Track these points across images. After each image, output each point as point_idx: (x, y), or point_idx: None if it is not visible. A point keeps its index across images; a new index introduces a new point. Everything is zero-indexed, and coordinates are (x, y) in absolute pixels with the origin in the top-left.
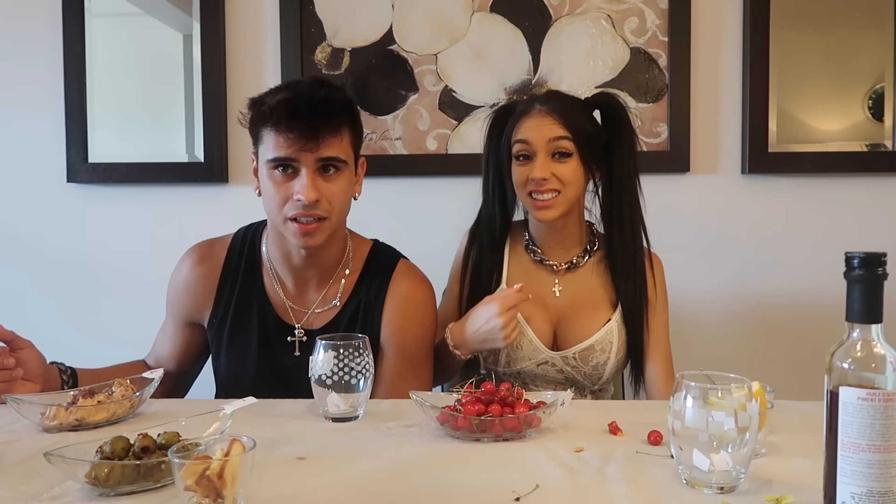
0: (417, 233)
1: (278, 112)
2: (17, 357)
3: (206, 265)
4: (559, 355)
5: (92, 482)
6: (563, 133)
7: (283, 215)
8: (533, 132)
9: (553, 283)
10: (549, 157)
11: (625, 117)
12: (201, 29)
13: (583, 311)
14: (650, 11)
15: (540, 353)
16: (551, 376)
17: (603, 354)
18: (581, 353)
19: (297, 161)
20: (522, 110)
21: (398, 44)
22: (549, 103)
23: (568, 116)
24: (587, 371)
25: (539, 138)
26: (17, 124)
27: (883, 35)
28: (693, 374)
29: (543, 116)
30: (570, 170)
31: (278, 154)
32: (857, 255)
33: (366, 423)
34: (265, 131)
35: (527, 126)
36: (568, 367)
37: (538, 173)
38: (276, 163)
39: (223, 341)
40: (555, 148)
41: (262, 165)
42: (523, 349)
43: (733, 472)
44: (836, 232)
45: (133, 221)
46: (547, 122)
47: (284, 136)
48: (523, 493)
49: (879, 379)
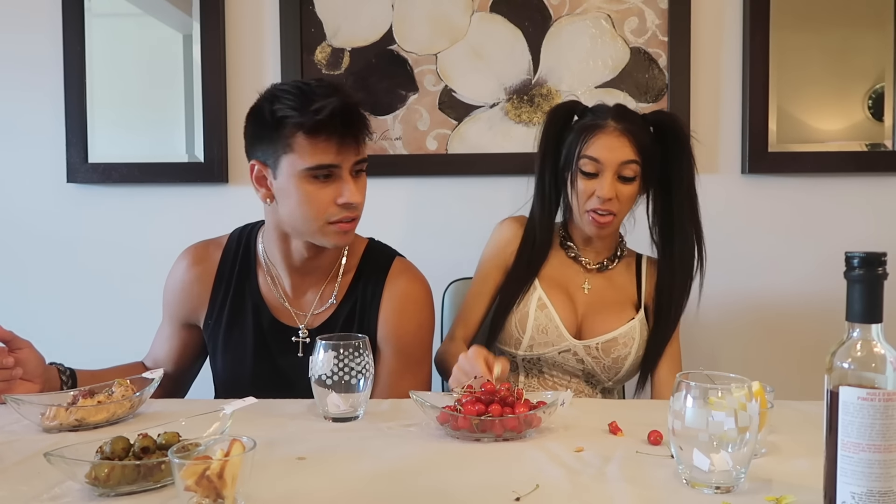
0: (417, 233)
1: (320, 120)
2: (16, 357)
3: (200, 267)
4: (582, 344)
5: (92, 482)
6: (633, 157)
7: (323, 220)
8: (606, 152)
9: (584, 280)
10: (616, 177)
11: (684, 139)
12: (201, 29)
13: (609, 306)
14: (650, 11)
15: (564, 340)
16: (570, 366)
17: (625, 348)
18: (604, 345)
19: (339, 167)
20: (595, 124)
21: (398, 44)
22: (622, 122)
23: (639, 139)
24: (607, 363)
25: (611, 159)
26: (17, 124)
27: (883, 35)
28: (693, 374)
29: (618, 136)
30: (631, 193)
31: (322, 161)
32: (857, 255)
33: (366, 423)
34: (299, 140)
35: (600, 144)
36: (589, 356)
37: (607, 193)
38: (317, 170)
39: (219, 342)
40: (623, 171)
41: (290, 174)
42: (548, 334)
43: (733, 472)
44: (836, 232)
45: (133, 221)
46: (620, 143)
47: (326, 142)
48: (523, 493)
49: (879, 379)
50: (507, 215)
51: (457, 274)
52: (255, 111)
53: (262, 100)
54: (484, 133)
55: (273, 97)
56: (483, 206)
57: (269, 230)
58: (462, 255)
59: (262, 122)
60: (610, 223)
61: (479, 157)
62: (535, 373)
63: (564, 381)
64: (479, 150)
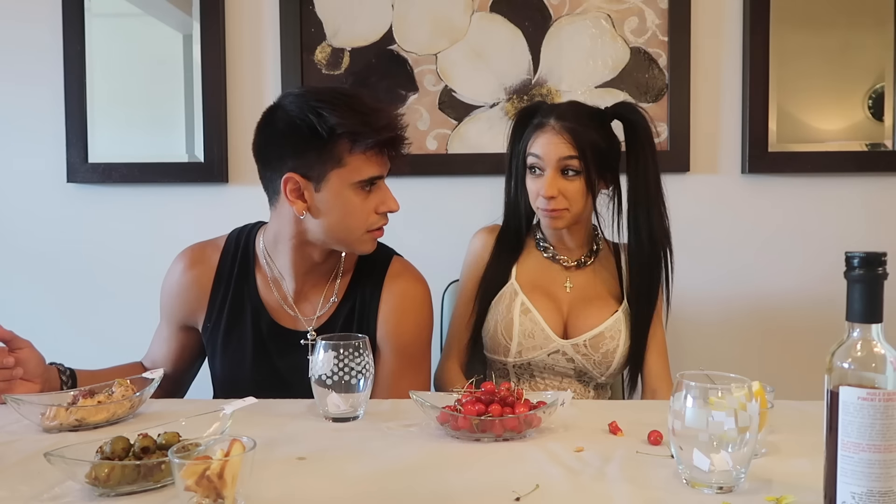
0: (417, 233)
1: (395, 138)
2: (17, 357)
3: (198, 269)
4: (570, 343)
5: (92, 482)
6: (571, 153)
7: (364, 229)
8: (544, 148)
9: (564, 279)
10: (558, 173)
11: (641, 127)
12: (201, 29)
13: (592, 302)
14: (650, 11)
15: (551, 342)
16: (561, 366)
17: (612, 341)
18: (592, 340)
19: (383, 176)
20: (538, 123)
21: (398, 44)
22: (562, 120)
23: (578, 135)
24: (597, 359)
25: (550, 156)
26: (18, 124)
27: (883, 35)
28: (693, 374)
29: (555, 134)
30: (576, 188)
31: (374, 173)
32: (857, 255)
33: (366, 423)
34: (355, 155)
35: (540, 141)
36: (579, 355)
37: (547, 191)
38: (369, 181)
39: (218, 345)
40: (563, 165)
41: (339, 187)
42: (535, 338)
43: (733, 472)
44: (836, 232)
45: (133, 221)
46: (557, 140)
47: (378, 156)
48: (523, 493)
49: (879, 379)
50: None
51: (456, 274)
52: (292, 124)
53: (301, 112)
54: (484, 133)
55: (315, 110)
56: (483, 206)
57: (282, 237)
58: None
59: (307, 135)
60: (560, 216)
61: (479, 157)
62: (526, 377)
63: (556, 382)
64: (479, 150)
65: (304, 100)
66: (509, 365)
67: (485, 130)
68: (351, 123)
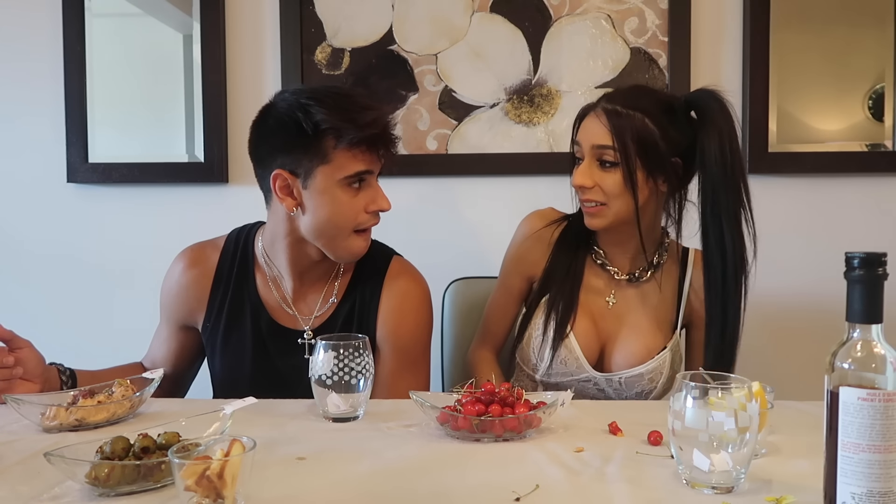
0: (417, 233)
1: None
2: (16, 356)
3: (197, 269)
4: (604, 377)
5: (92, 482)
6: (607, 142)
7: (352, 228)
8: (582, 133)
9: (609, 292)
10: (594, 161)
11: (712, 115)
12: (201, 29)
13: (637, 332)
14: (650, 11)
15: (584, 372)
16: (588, 392)
17: (651, 384)
18: (628, 379)
19: (372, 173)
20: (589, 106)
21: (398, 44)
22: (609, 104)
23: (620, 120)
24: (629, 395)
25: (585, 141)
26: (18, 124)
27: (883, 35)
28: (693, 374)
29: (595, 119)
30: (614, 181)
31: (360, 169)
32: (857, 255)
33: (366, 423)
34: (341, 150)
35: (582, 127)
36: (610, 388)
37: (577, 180)
38: (354, 178)
39: (217, 345)
40: (599, 155)
41: (325, 184)
42: (567, 365)
43: (733, 472)
44: (836, 232)
45: (133, 221)
46: (595, 125)
47: (365, 153)
48: (523, 493)
49: (880, 379)
50: (506, 215)
51: (457, 274)
52: (281, 120)
53: (290, 109)
54: (484, 133)
55: (304, 107)
56: (483, 206)
57: (277, 235)
58: (462, 255)
59: (294, 132)
60: (597, 212)
61: (479, 157)
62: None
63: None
64: (480, 150)
65: (295, 97)
66: (536, 378)
67: (485, 131)
68: (336, 119)
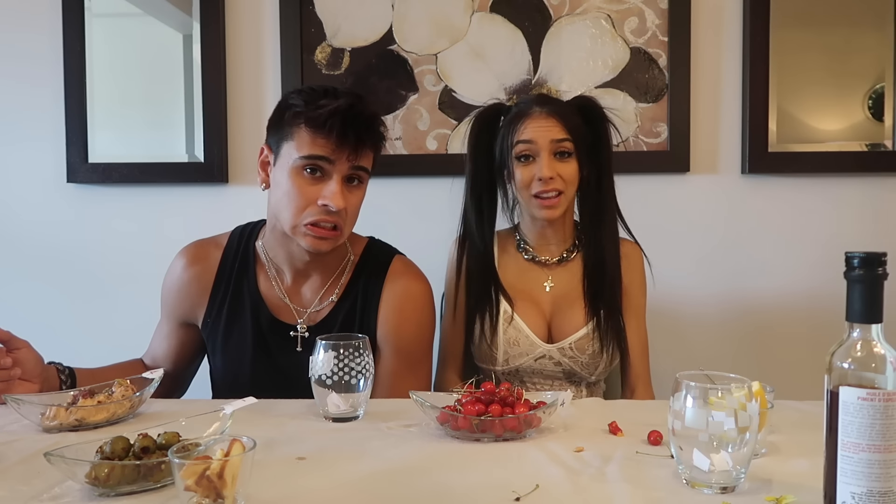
0: (417, 233)
1: (332, 114)
2: (14, 357)
3: (199, 266)
4: (556, 347)
5: (92, 482)
6: (564, 135)
7: (301, 219)
8: (536, 132)
9: (545, 278)
10: (552, 156)
11: (604, 116)
12: (201, 29)
13: (575, 302)
14: (650, 11)
15: (537, 348)
16: (549, 370)
17: (598, 342)
18: (577, 343)
19: (331, 163)
20: (521, 112)
21: (398, 44)
22: (547, 106)
23: (566, 118)
24: (584, 360)
25: (542, 138)
26: (18, 124)
27: (883, 35)
28: (693, 374)
29: (545, 118)
30: (571, 169)
31: (314, 152)
32: (857, 255)
33: (366, 423)
34: (302, 129)
35: (531, 127)
36: (566, 358)
37: (546, 172)
38: (309, 161)
39: (218, 341)
40: (557, 148)
41: (285, 163)
42: (520, 345)
43: (733, 472)
44: (836, 232)
45: (133, 221)
46: (548, 123)
47: (325, 138)
48: (523, 493)
49: (879, 379)
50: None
51: None
52: (276, 107)
53: (284, 97)
54: None
55: (297, 91)
56: None
57: (269, 225)
58: None
59: (277, 109)
60: (558, 202)
61: None
62: (516, 383)
63: (546, 384)
64: None
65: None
66: (497, 373)
67: None
68: (303, 102)
